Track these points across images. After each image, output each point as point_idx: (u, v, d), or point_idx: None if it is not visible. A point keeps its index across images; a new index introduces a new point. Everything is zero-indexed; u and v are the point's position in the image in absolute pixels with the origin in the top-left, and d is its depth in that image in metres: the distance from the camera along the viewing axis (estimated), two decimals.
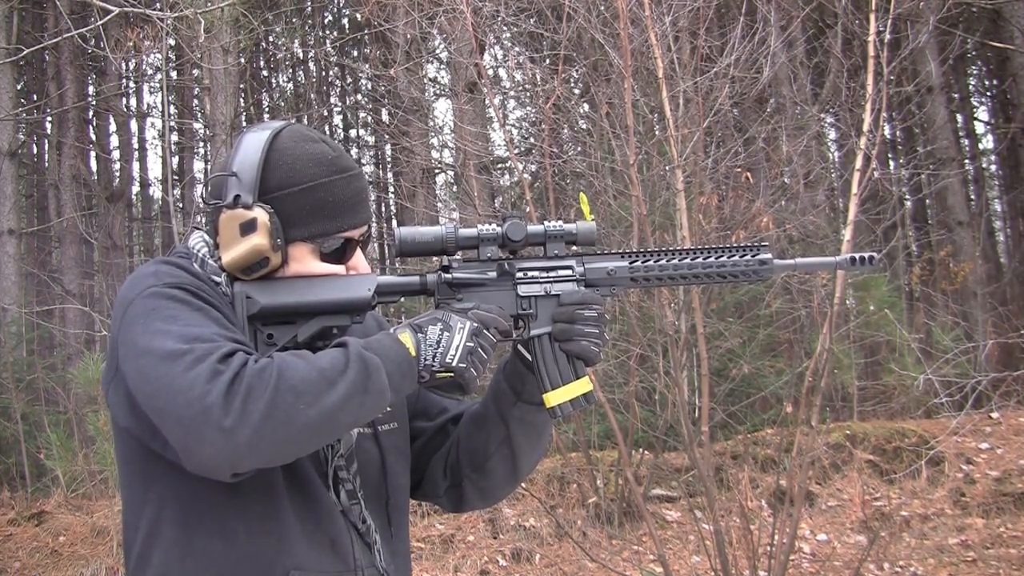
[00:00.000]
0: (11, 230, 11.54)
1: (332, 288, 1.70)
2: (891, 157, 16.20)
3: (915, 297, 11.49)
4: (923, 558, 6.31)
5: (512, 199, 11.52)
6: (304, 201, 1.68)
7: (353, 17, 17.67)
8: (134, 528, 1.66)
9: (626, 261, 1.81)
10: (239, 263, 1.65)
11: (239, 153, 1.70)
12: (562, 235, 1.79)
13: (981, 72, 19.38)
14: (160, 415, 1.46)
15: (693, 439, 5.39)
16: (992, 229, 18.00)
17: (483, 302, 1.73)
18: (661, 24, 5.59)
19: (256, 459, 1.45)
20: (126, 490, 1.69)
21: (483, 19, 7.00)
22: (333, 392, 1.46)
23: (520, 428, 1.85)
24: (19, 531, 7.79)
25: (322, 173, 1.70)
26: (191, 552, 1.60)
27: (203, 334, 1.48)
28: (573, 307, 1.75)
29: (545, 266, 1.78)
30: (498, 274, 1.76)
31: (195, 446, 1.42)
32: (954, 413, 6.80)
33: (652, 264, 1.81)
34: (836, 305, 5.22)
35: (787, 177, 7.98)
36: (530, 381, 1.80)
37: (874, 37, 5.42)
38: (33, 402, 10.11)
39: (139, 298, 1.55)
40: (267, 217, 1.65)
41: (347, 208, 1.72)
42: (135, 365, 1.50)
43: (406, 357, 1.57)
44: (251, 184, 1.66)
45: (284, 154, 1.70)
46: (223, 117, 11.11)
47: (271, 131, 1.72)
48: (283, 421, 1.42)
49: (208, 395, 1.40)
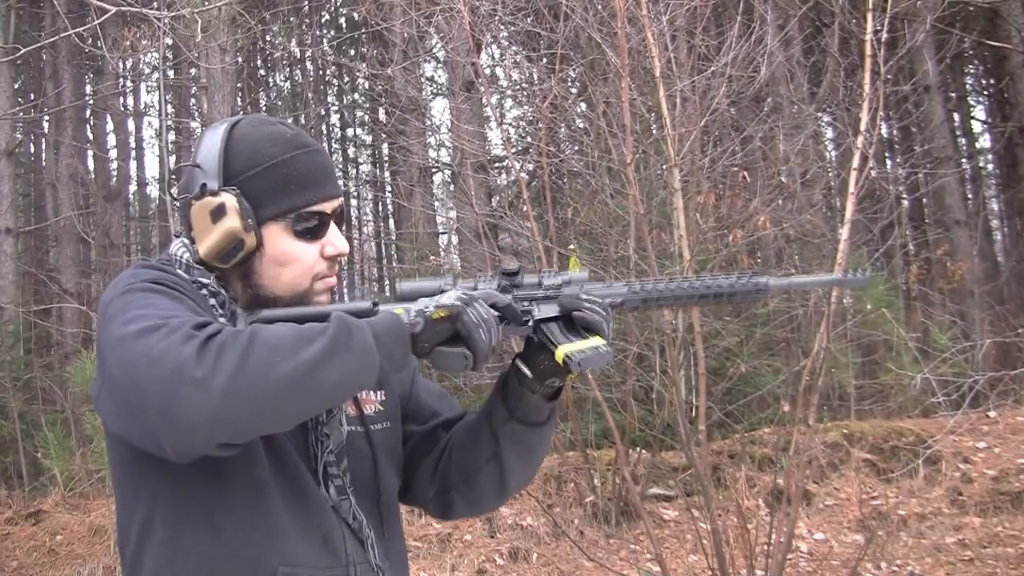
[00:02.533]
0: (8, 229, 11.55)
1: (333, 305, 1.70)
2: (888, 156, 16.19)
3: (912, 296, 11.50)
4: (920, 557, 6.31)
5: (509, 198, 11.52)
6: (269, 179, 1.68)
7: (350, 16, 17.68)
8: (127, 530, 1.66)
9: (625, 287, 1.81)
10: (215, 250, 1.66)
11: (200, 148, 1.71)
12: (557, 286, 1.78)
13: (978, 71, 19.37)
14: (138, 392, 1.42)
15: (690, 438, 5.39)
16: (989, 228, 18.00)
17: None
18: (658, 23, 5.59)
19: (235, 415, 1.41)
20: (118, 493, 1.69)
21: (480, 18, 6.99)
22: (311, 347, 1.44)
23: (511, 445, 1.83)
24: (16, 530, 7.79)
25: (282, 151, 1.71)
26: (181, 550, 1.60)
27: (177, 314, 1.47)
28: (576, 296, 1.73)
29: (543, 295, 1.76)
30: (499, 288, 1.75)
31: (172, 410, 1.38)
32: (951, 412, 6.80)
33: (651, 287, 1.81)
34: (833, 304, 5.22)
35: (784, 176, 7.98)
36: (525, 399, 1.79)
37: (871, 36, 5.42)
38: (30, 401, 10.12)
39: (116, 298, 1.55)
40: (235, 199, 1.65)
41: (312, 181, 1.72)
42: (115, 356, 1.47)
43: (396, 321, 1.56)
44: (215, 172, 1.67)
45: (243, 140, 1.71)
46: (220, 116, 11.08)
47: (229, 123, 1.74)
48: (257, 373, 1.39)
49: (180, 354, 1.37)
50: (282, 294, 1.72)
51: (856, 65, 6.09)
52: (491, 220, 8.06)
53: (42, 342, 12.79)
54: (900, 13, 6.63)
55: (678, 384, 5.47)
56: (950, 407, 6.75)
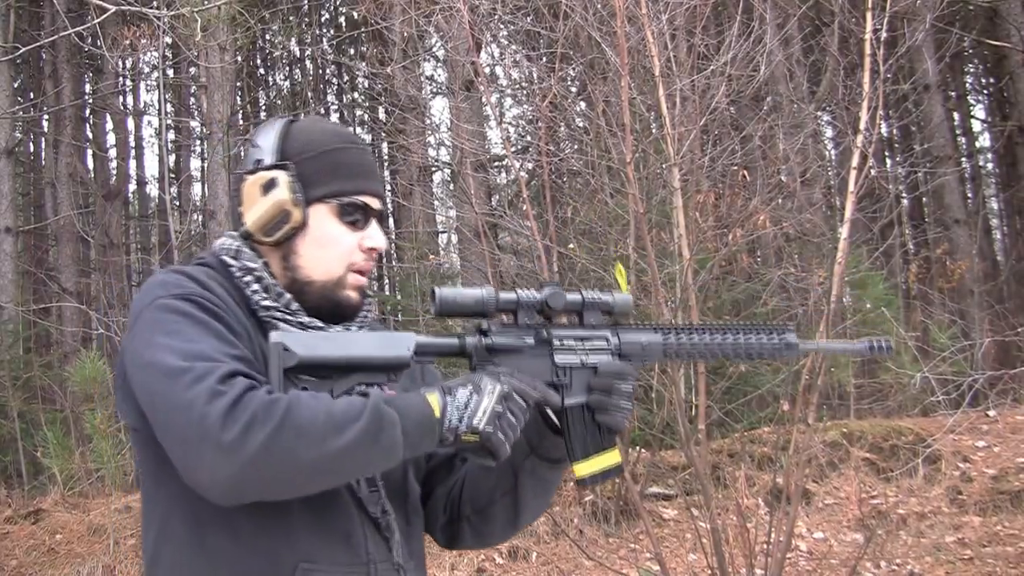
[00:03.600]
0: (8, 228, 11.54)
1: (371, 345, 1.69)
2: (888, 155, 16.22)
3: (912, 295, 11.50)
4: (920, 556, 6.32)
5: (509, 197, 11.52)
6: (321, 162, 1.77)
7: (350, 15, 17.66)
8: (148, 526, 1.70)
9: (660, 335, 1.84)
10: (262, 221, 1.74)
11: (259, 134, 1.82)
12: (599, 305, 1.81)
13: (978, 70, 19.39)
14: (162, 430, 1.50)
15: (690, 437, 5.39)
16: (989, 227, 18.02)
17: (519, 369, 1.72)
18: (658, 22, 5.58)
19: (251, 487, 1.47)
20: (142, 489, 1.73)
21: (480, 17, 6.99)
22: (339, 438, 1.47)
23: (529, 481, 1.85)
24: (16, 529, 7.78)
25: (337, 141, 1.80)
26: (201, 550, 1.62)
27: (204, 351, 1.51)
28: (611, 379, 1.76)
29: (581, 335, 1.79)
30: (535, 341, 1.77)
31: (193, 464, 1.46)
32: (951, 411, 6.81)
33: (685, 340, 1.84)
34: (833, 303, 5.22)
35: (784, 175, 7.98)
36: (547, 437, 1.81)
37: (870, 35, 5.41)
38: (30, 400, 10.12)
39: (146, 310, 1.60)
40: (286, 174, 1.74)
41: (361, 173, 1.80)
42: (139, 377, 1.55)
43: (428, 416, 1.57)
44: (272, 150, 1.76)
45: (302, 128, 1.81)
46: (220, 115, 11.09)
47: (289, 116, 1.86)
48: (281, 458, 1.44)
49: (207, 417, 1.42)
50: (318, 278, 1.76)
51: (855, 64, 6.09)
52: (491, 219, 8.07)
53: (41, 341, 12.80)
54: (900, 12, 6.62)
55: (677, 383, 5.46)
56: (949, 406, 6.75)
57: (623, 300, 1.83)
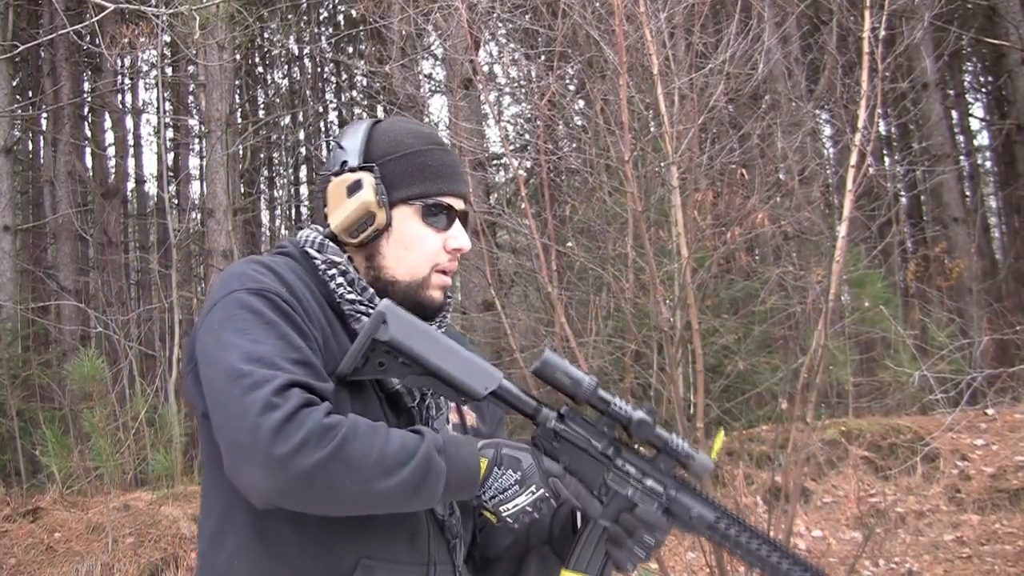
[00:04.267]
0: (6, 226, 11.53)
1: (458, 364, 1.68)
2: (886, 153, 16.21)
3: (910, 293, 11.50)
4: (918, 554, 6.32)
5: (507, 195, 11.52)
6: (405, 164, 1.79)
7: (348, 13, 17.66)
8: (209, 509, 1.72)
9: (713, 515, 1.76)
10: (347, 223, 1.75)
11: (345, 134, 1.85)
12: (677, 455, 1.76)
13: (976, 68, 19.42)
14: (217, 430, 1.52)
15: (688, 435, 5.39)
16: (987, 225, 18.04)
17: (572, 463, 1.70)
18: (656, 20, 5.58)
19: (289, 502, 1.49)
20: (206, 472, 1.75)
21: (478, 15, 6.99)
22: (385, 481, 1.49)
23: (535, 562, 1.88)
24: (14, 528, 7.77)
25: (421, 143, 1.82)
26: (263, 537, 1.63)
27: (266, 354, 1.52)
28: (642, 526, 1.72)
29: (643, 474, 1.75)
30: (602, 451, 1.73)
31: (237, 469, 1.48)
32: (949, 409, 6.81)
33: (732, 534, 1.75)
34: (831, 301, 5.22)
35: (782, 173, 7.98)
36: (569, 540, 1.80)
37: (869, 33, 5.41)
38: (28, 399, 10.11)
39: (222, 301, 1.62)
40: (371, 177, 1.76)
41: (445, 174, 1.82)
42: (206, 370, 1.57)
43: (473, 478, 1.60)
44: (356, 152, 1.79)
45: (385, 130, 1.84)
46: (218, 113, 11.08)
47: (373, 119, 1.89)
48: (326, 486, 1.45)
49: (259, 428, 1.44)
50: (401, 278, 1.78)
51: (854, 62, 6.08)
52: (489, 217, 8.05)
53: (40, 339, 12.78)
54: (898, 10, 6.62)
55: (676, 382, 5.46)
56: (948, 404, 6.75)
57: (703, 464, 1.76)
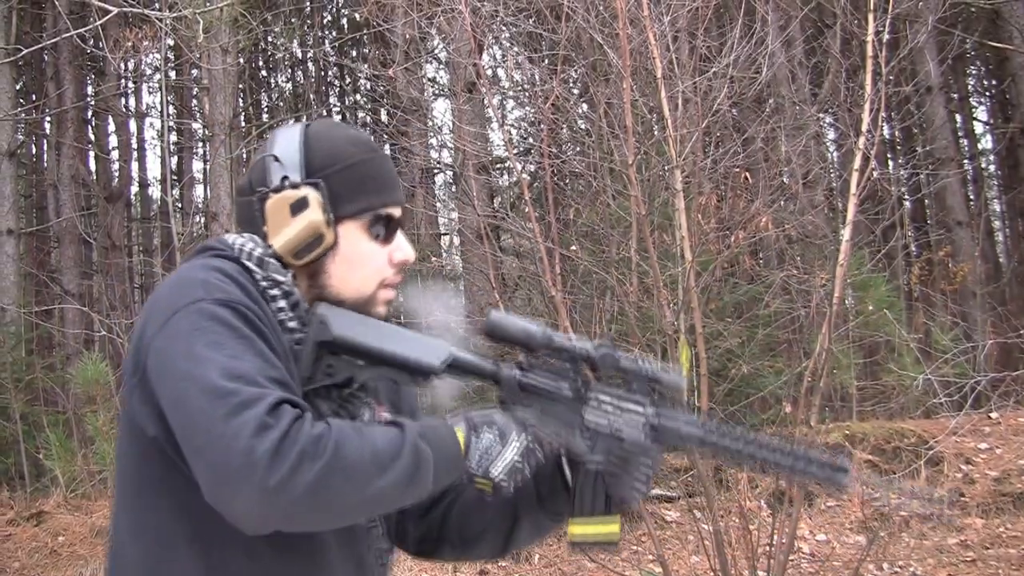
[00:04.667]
0: (10, 230, 11.54)
1: (407, 344, 1.64)
2: (890, 157, 16.20)
3: (914, 297, 11.49)
4: (922, 558, 6.31)
5: (511, 199, 11.52)
6: (349, 176, 1.66)
7: (352, 17, 17.69)
8: (138, 534, 1.58)
9: (700, 430, 1.69)
10: (293, 244, 1.62)
11: (275, 143, 1.68)
12: (649, 378, 1.71)
13: (980, 72, 19.40)
14: (194, 453, 1.39)
15: None
16: (991, 229, 18.01)
17: (546, 415, 1.66)
18: (660, 24, 5.58)
19: (285, 526, 1.40)
20: (132, 495, 1.59)
21: (482, 19, 6.99)
22: (382, 479, 1.42)
23: (527, 526, 1.81)
24: (18, 531, 7.79)
25: (361, 151, 1.70)
26: (207, 562, 1.53)
27: (248, 372, 1.41)
28: (635, 455, 1.66)
29: (620, 401, 1.69)
30: (571, 392, 1.68)
31: (227, 497, 1.36)
32: (953, 413, 6.80)
33: (725, 444, 1.68)
34: (835, 305, 5.21)
35: (786, 177, 7.98)
36: (559, 494, 1.74)
37: (873, 37, 5.41)
38: (32, 402, 10.12)
39: (184, 310, 1.47)
40: (318, 193, 1.62)
41: (388, 183, 1.72)
42: (172, 388, 1.43)
43: (457, 456, 1.55)
44: (296, 165, 1.64)
45: (321, 138, 1.69)
46: (222, 117, 11.10)
47: (301, 123, 1.73)
48: (327, 500, 1.37)
49: (253, 451, 1.32)
50: (348, 297, 1.68)
51: (858, 66, 6.08)
52: (493, 221, 8.06)
53: (44, 343, 12.80)
54: (902, 14, 6.62)
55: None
56: (952, 408, 6.74)
57: (674, 381, 1.72)
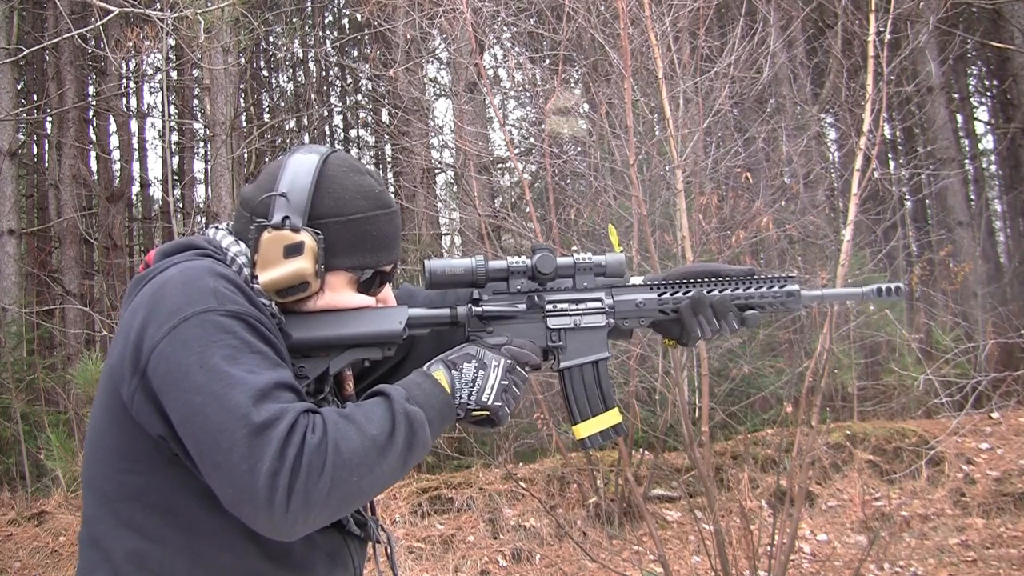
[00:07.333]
0: (11, 230, 11.54)
1: (363, 321, 1.70)
2: (891, 157, 16.20)
3: (915, 297, 11.48)
4: (923, 558, 6.31)
5: (512, 199, 11.52)
6: (350, 232, 1.68)
7: (353, 17, 17.68)
8: (120, 528, 1.59)
9: (655, 293, 1.82)
10: (278, 284, 1.63)
11: (287, 174, 1.67)
12: (591, 267, 1.80)
13: (981, 72, 19.39)
14: (213, 468, 1.40)
15: (693, 439, 5.39)
16: (992, 229, 18.00)
17: (514, 335, 1.74)
18: (661, 24, 5.59)
19: (305, 531, 1.44)
20: (115, 483, 1.59)
21: (483, 19, 7.00)
22: (384, 461, 1.46)
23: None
24: (19, 531, 7.79)
25: (369, 207, 1.70)
26: (200, 562, 1.55)
27: (266, 386, 1.42)
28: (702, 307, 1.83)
29: (574, 298, 1.79)
30: (528, 307, 1.77)
31: (249, 514, 1.39)
32: (954, 413, 6.80)
33: (681, 296, 1.82)
34: (836, 306, 5.22)
35: (787, 177, 7.98)
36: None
37: (874, 37, 5.42)
38: (33, 402, 10.11)
39: (196, 319, 1.47)
40: (315, 242, 1.63)
41: (388, 244, 1.73)
42: (186, 400, 1.42)
43: (446, 400, 1.59)
44: (301, 207, 1.64)
45: (334, 182, 1.69)
46: (223, 117, 11.11)
47: (320, 156, 1.71)
48: (341, 497, 1.42)
49: (278, 474, 1.36)
50: None
51: (859, 66, 6.09)
52: (494, 221, 8.06)
53: (45, 343, 12.80)
54: (903, 14, 6.62)
55: (681, 385, 5.46)
56: (953, 408, 6.74)
57: (615, 260, 1.81)
